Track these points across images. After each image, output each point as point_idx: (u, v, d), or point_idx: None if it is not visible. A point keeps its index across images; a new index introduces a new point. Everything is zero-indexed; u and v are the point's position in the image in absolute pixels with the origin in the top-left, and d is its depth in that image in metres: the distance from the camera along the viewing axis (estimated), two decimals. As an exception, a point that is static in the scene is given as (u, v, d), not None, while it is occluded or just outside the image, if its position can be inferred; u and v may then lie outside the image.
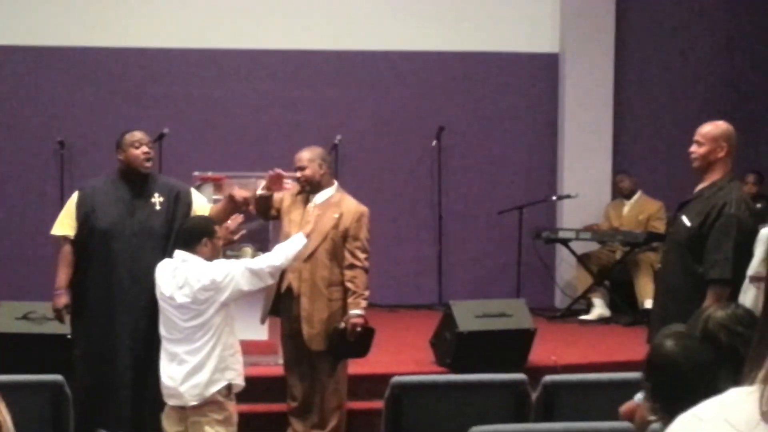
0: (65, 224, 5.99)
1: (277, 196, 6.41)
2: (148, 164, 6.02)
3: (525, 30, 10.83)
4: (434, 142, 10.50)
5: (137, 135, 6.01)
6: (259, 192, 6.29)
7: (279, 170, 6.30)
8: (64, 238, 5.96)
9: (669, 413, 3.08)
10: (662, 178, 10.16)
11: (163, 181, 6.15)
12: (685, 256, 5.59)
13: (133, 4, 10.51)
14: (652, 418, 3.21)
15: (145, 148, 5.98)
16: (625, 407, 4.42)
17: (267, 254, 5.79)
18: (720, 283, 5.42)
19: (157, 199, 5.98)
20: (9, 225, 9.90)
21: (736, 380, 3.32)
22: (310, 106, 10.54)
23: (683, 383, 3.06)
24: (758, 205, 9.37)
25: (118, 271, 5.87)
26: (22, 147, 10.21)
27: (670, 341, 3.13)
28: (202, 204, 6.15)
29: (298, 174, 6.26)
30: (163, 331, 5.60)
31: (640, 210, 10.07)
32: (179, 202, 6.03)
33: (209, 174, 7.26)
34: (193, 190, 6.20)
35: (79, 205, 5.97)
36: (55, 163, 9.89)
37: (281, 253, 5.71)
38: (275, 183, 6.29)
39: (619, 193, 10.30)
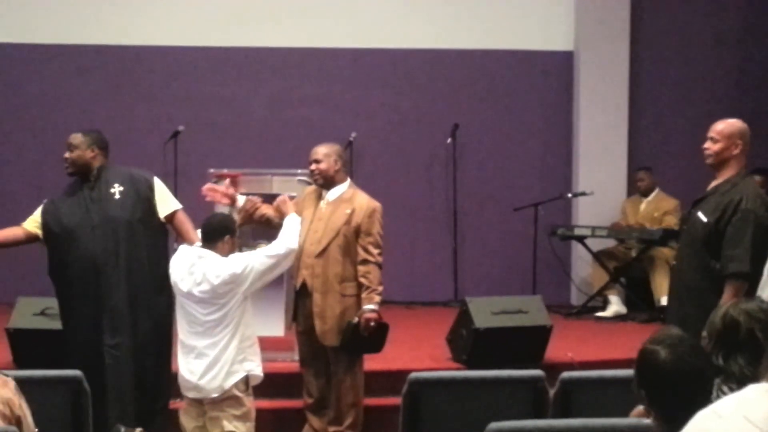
0: (29, 220, 6.15)
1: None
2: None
3: (540, 28, 10.82)
4: (449, 140, 10.50)
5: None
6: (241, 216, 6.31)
7: (209, 185, 6.33)
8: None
9: (665, 418, 3.08)
10: (677, 175, 10.13)
11: (123, 172, 6.19)
12: (702, 252, 5.57)
13: (146, 4, 10.53)
14: (647, 420, 3.21)
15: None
16: (635, 412, 4.43)
17: (277, 240, 5.86)
18: (738, 277, 5.42)
19: (116, 189, 6.03)
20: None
21: (753, 362, 3.33)
22: (326, 104, 10.55)
23: (678, 392, 3.05)
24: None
25: (83, 265, 5.93)
26: (38, 145, 10.23)
27: (664, 351, 3.10)
28: (163, 192, 6.19)
29: (313, 166, 6.27)
30: (183, 324, 5.62)
31: (657, 207, 10.04)
32: (140, 188, 6.08)
33: (224, 171, 7.26)
34: (156, 179, 6.22)
35: (44, 212, 6.10)
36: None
37: (289, 236, 5.80)
38: (215, 195, 6.33)
39: (637, 190, 10.27)
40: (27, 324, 7.03)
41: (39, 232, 6.06)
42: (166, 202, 6.13)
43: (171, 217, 6.11)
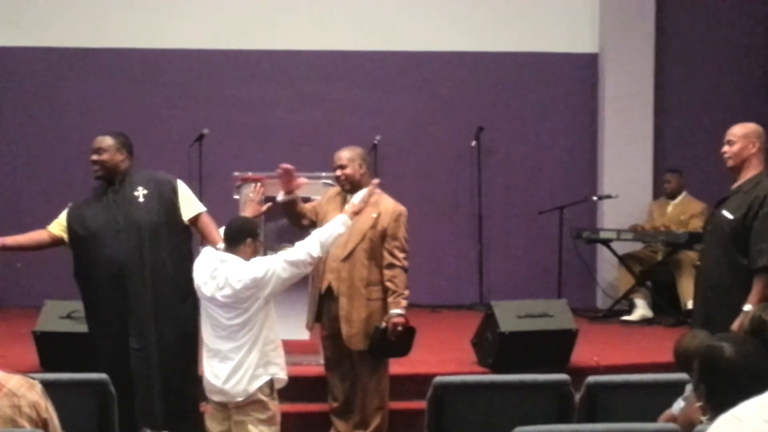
0: (54, 224, 6.12)
1: (308, 205, 6.42)
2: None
3: (564, 30, 10.80)
4: (473, 143, 10.49)
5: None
6: (279, 198, 6.27)
7: (286, 165, 6.28)
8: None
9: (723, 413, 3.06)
10: (703, 177, 10.06)
11: (147, 175, 6.17)
12: (729, 249, 5.62)
13: (171, 6, 10.58)
14: (703, 418, 3.19)
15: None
16: (663, 417, 4.40)
17: (304, 242, 5.68)
18: (767, 271, 5.43)
19: (140, 192, 6.03)
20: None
21: None
22: (350, 107, 10.56)
23: (741, 390, 3.03)
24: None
25: (108, 269, 5.93)
26: (61, 148, 10.29)
27: (729, 347, 3.09)
28: (187, 194, 6.18)
29: (338, 172, 6.26)
30: (207, 328, 5.62)
31: (684, 210, 9.99)
32: (163, 191, 6.07)
33: (249, 174, 7.27)
34: (179, 182, 6.21)
35: (69, 215, 6.09)
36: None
37: (318, 242, 5.62)
38: (288, 181, 6.26)
39: (664, 192, 10.22)
40: (54, 327, 7.07)
41: (64, 235, 6.08)
42: (190, 205, 6.14)
43: (195, 219, 6.12)
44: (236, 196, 7.22)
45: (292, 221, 6.48)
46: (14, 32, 10.44)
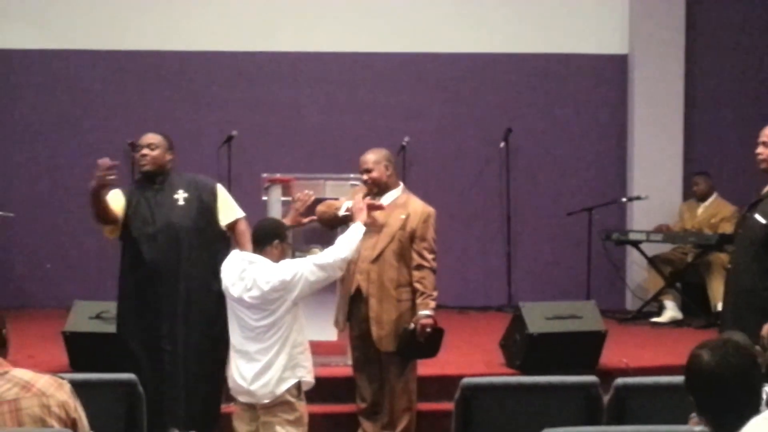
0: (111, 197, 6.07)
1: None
2: (144, 165, 6.08)
3: (594, 31, 10.76)
4: (502, 144, 10.46)
5: (142, 138, 6.11)
6: (342, 213, 6.26)
7: (373, 202, 6.23)
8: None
9: (715, 422, 3.05)
10: (734, 179, 9.99)
11: (188, 178, 6.20)
12: (761, 254, 5.58)
13: (202, 8, 10.62)
14: (696, 429, 3.19)
15: (144, 150, 6.06)
16: (693, 420, 4.38)
17: (332, 247, 5.71)
18: None
19: (180, 195, 6.05)
20: (82, 226, 10.00)
21: None
22: (378, 108, 10.56)
23: (725, 394, 3.02)
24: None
25: (145, 270, 5.96)
26: (93, 150, 10.30)
27: (707, 353, 3.08)
28: (226, 199, 6.19)
29: (365, 176, 6.27)
30: (235, 329, 5.63)
31: (714, 213, 9.91)
32: (203, 195, 6.10)
33: (277, 176, 7.29)
34: (219, 186, 6.23)
35: (128, 194, 6.09)
36: (126, 166, 9.98)
37: (345, 245, 5.67)
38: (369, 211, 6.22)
39: (693, 195, 10.16)
40: (83, 327, 7.11)
41: (121, 213, 6.04)
42: (228, 210, 6.15)
43: (233, 225, 6.13)
44: (264, 198, 7.24)
45: (328, 227, 6.48)
46: (41, 34, 10.49)
